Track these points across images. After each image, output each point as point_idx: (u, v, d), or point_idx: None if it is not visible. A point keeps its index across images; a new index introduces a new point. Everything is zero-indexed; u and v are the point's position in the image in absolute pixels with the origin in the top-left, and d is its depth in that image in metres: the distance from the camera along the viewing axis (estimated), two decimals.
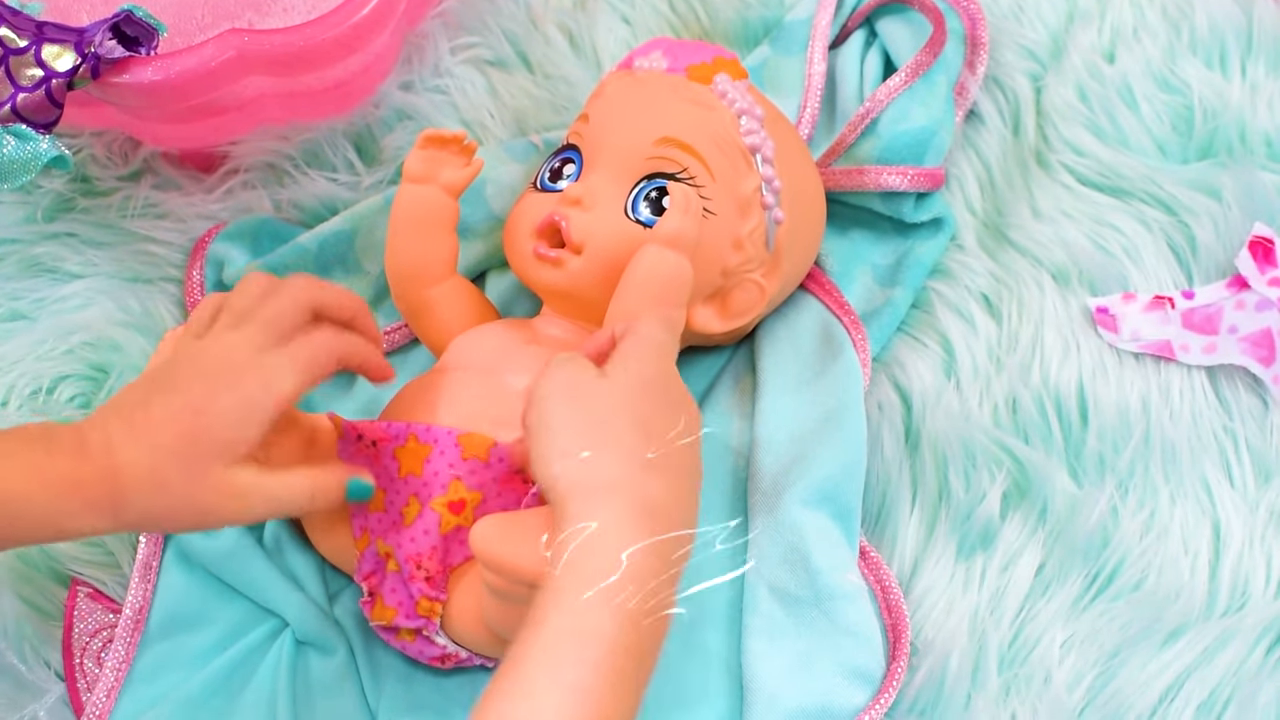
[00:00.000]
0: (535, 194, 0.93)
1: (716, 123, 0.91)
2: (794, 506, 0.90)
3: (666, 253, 0.85)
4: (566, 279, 0.89)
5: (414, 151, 0.92)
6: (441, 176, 0.92)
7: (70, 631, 0.93)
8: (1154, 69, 1.07)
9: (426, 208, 0.92)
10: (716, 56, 0.94)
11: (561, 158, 0.93)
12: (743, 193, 0.91)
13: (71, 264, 1.05)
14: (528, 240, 0.90)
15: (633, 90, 0.93)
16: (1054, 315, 0.99)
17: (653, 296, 0.85)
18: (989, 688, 0.88)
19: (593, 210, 0.89)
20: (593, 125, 0.92)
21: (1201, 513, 0.94)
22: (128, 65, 0.90)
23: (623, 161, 0.90)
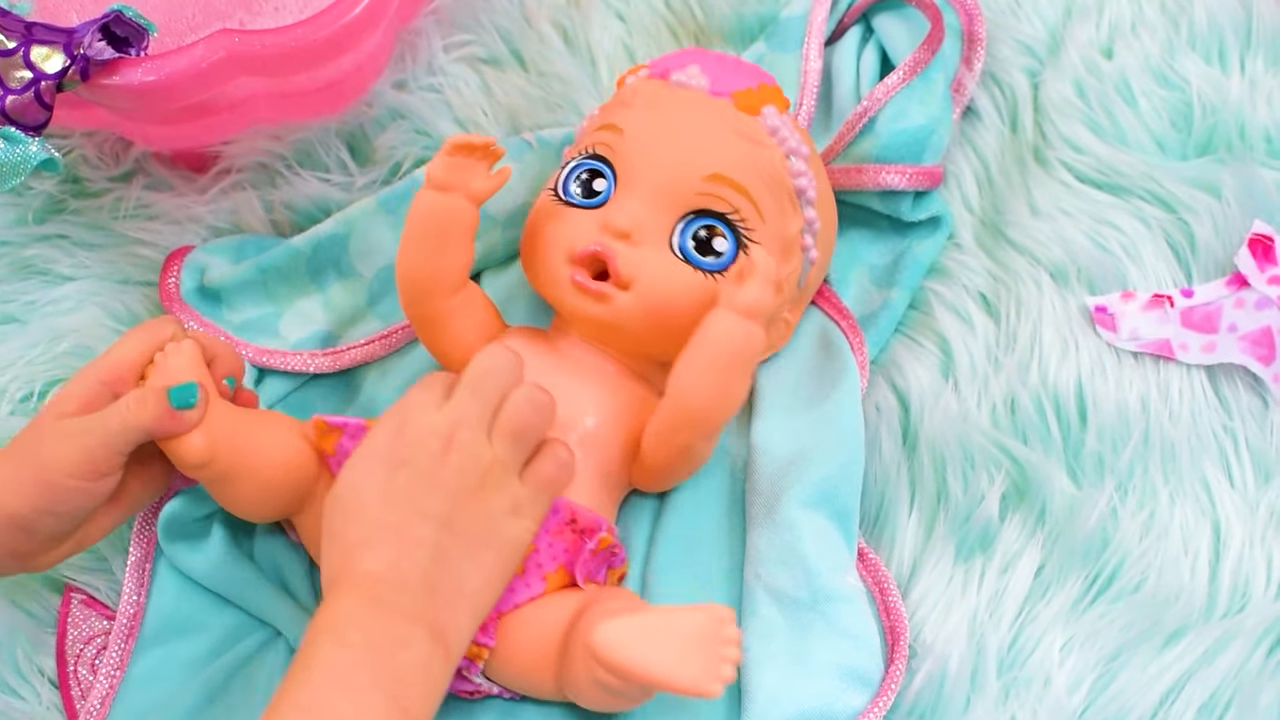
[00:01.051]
0: (563, 208, 0.90)
1: (766, 161, 0.90)
2: (792, 507, 0.90)
3: (742, 323, 0.84)
4: (611, 315, 0.88)
5: (440, 158, 0.87)
6: (469, 184, 0.87)
7: (64, 639, 0.92)
8: (1152, 65, 1.06)
9: (450, 217, 0.88)
10: (761, 84, 0.93)
11: (589, 168, 0.91)
12: (788, 234, 0.91)
13: (63, 266, 1.04)
14: (563, 265, 0.88)
15: (676, 111, 0.90)
16: (1052, 314, 0.99)
17: (723, 364, 0.84)
18: (988, 691, 0.88)
19: (640, 246, 0.88)
20: (629, 142, 0.90)
21: (1201, 513, 0.93)
22: (117, 67, 0.89)
23: (668, 193, 0.88)
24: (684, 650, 0.74)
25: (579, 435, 0.88)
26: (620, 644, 0.75)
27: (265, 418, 0.88)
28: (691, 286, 0.88)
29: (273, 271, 1.00)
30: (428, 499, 0.76)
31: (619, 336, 0.90)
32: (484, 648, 0.83)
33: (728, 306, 0.84)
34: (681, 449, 0.88)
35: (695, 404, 0.85)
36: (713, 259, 0.88)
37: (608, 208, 0.89)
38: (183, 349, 0.86)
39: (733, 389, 0.86)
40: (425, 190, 0.88)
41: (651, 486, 0.93)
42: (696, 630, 0.75)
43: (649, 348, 0.91)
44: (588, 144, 0.91)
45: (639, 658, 0.74)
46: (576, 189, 0.90)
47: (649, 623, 0.76)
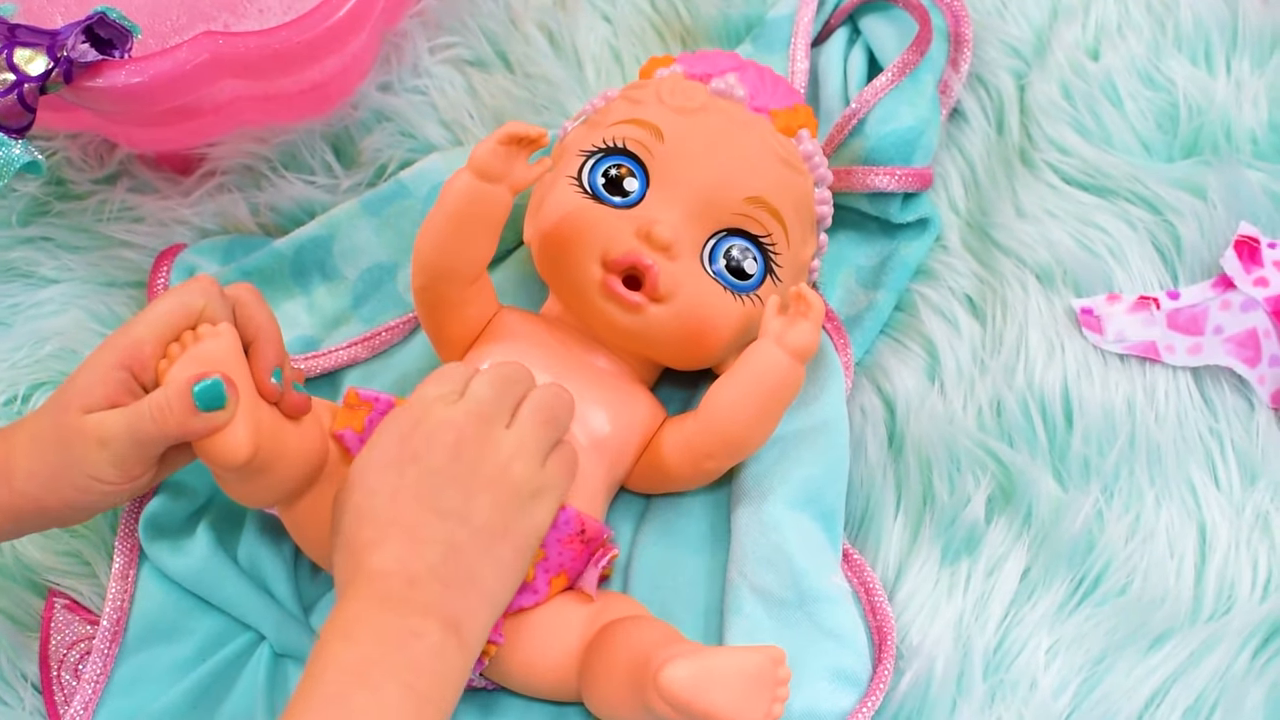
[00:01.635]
0: (593, 204, 0.88)
1: (800, 188, 0.91)
2: (777, 507, 0.90)
3: (791, 361, 0.86)
4: (642, 326, 0.88)
5: (491, 145, 0.85)
6: (512, 174, 0.86)
7: (47, 643, 0.92)
8: (1138, 66, 1.06)
9: (487, 205, 0.87)
10: (797, 104, 0.93)
11: (618, 163, 0.89)
12: (803, 259, 0.93)
13: (47, 269, 1.04)
14: (594, 266, 0.87)
15: (719, 125, 0.90)
16: (1038, 316, 0.98)
17: (767, 398, 0.86)
18: (974, 694, 0.88)
19: (678, 260, 0.87)
20: (671, 149, 0.89)
21: (1187, 515, 0.93)
22: (101, 69, 0.89)
23: (706, 208, 0.88)
24: (745, 691, 0.77)
25: (595, 439, 0.88)
26: (691, 687, 0.76)
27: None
28: (726, 307, 0.88)
29: (256, 274, 1.00)
30: (441, 496, 0.75)
31: (640, 344, 0.90)
32: (493, 644, 0.83)
33: (779, 343, 0.85)
34: (707, 471, 0.90)
35: (734, 433, 0.87)
36: (741, 280, 0.89)
37: (643, 212, 0.88)
38: (220, 334, 0.79)
39: (770, 422, 0.88)
40: (467, 176, 0.86)
41: (651, 490, 0.93)
42: (757, 673, 0.78)
43: (663, 356, 0.92)
44: (614, 135, 0.90)
45: (707, 701, 0.76)
46: (602, 183, 0.89)
47: (714, 664, 0.77)
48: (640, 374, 0.92)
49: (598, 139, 0.90)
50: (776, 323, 0.86)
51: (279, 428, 0.81)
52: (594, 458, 0.87)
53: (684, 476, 0.90)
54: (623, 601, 0.87)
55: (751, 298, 0.89)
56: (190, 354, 0.78)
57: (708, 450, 0.88)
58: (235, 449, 0.77)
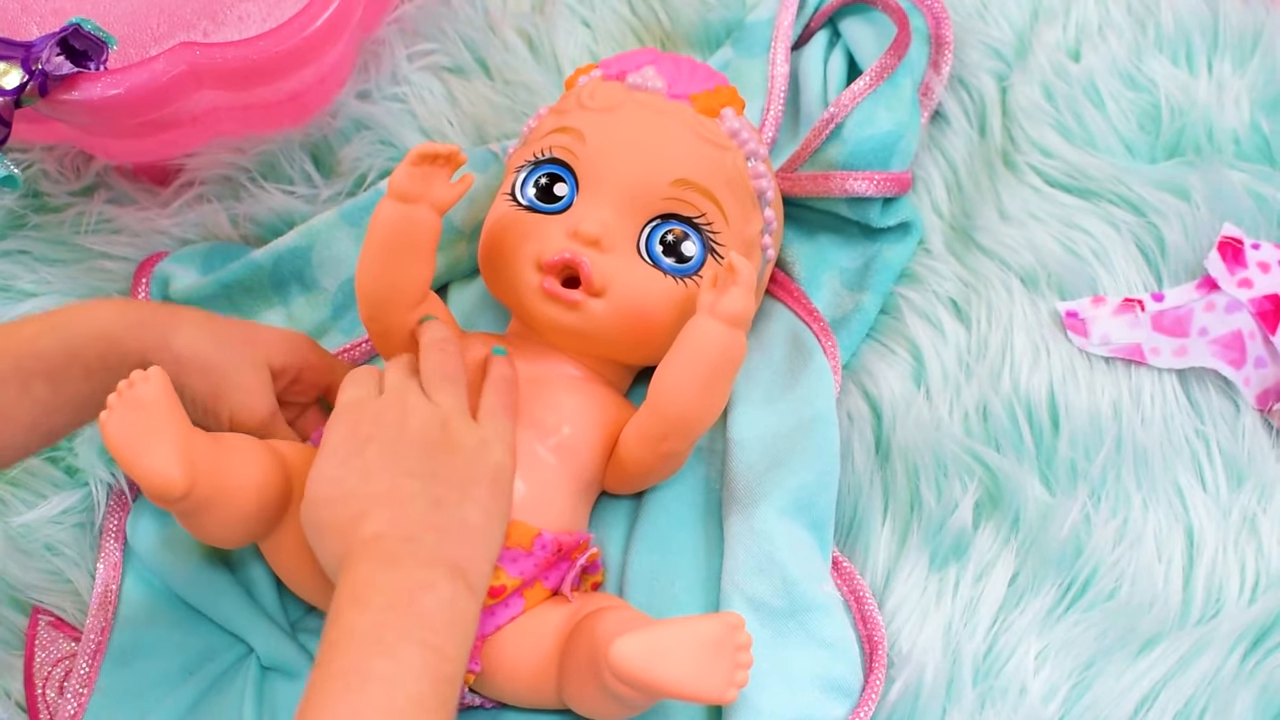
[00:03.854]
0: (525, 214, 0.90)
1: (730, 164, 0.91)
2: (770, 516, 0.90)
3: (727, 330, 0.84)
4: (584, 322, 0.88)
5: (404, 168, 0.84)
6: (432, 193, 0.85)
7: (31, 661, 0.91)
8: (1120, 67, 1.06)
9: (413, 228, 0.85)
10: (718, 86, 0.93)
11: (548, 172, 0.90)
12: (748, 236, 0.92)
13: (24, 282, 1.03)
14: (531, 272, 0.88)
15: (638, 116, 0.90)
16: (1023, 320, 0.98)
17: (708, 371, 0.85)
18: (964, 701, 0.88)
19: (610, 253, 0.88)
20: (592, 148, 0.89)
21: (1174, 519, 0.93)
22: (76, 81, 0.89)
23: (635, 199, 0.88)
24: (700, 661, 0.76)
25: (555, 443, 0.88)
26: (639, 658, 0.76)
27: (234, 441, 0.84)
28: (664, 292, 0.88)
29: (235, 285, 0.99)
30: (405, 460, 0.78)
31: (589, 342, 0.90)
32: (470, 673, 0.84)
33: (710, 314, 0.84)
34: (664, 455, 0.89)
35: (681, 411, 0.86)
36: (681, 263, 0.89)
37: (573, 214, 0.89)
38: (150, 378, 0.80)
39: (717, 395, 0.86)
40: (387, 201, 0.86)
41: (626, 489, 0.93)
42: (712, 640, 0.77)
43: (617, 352, 0.92)
44: (542, 146, 0.91)
45: (658, 671, 0.76)
46: (534, 193, 0.90)
47: (665, 635, 0.77)
48: (609, 378, 0.93)
49: (529, 154, 0.92)
50: (709, 295, 0.85)
51: (222, 463, 0.81)
52: (558, 463, 0.88)
53: (646, 465, 0.90)
54: (599, 599, 0.87)
55: (694, 279, 0.89)
56: (125, 399, 0.79)
57: (660, 432, 0.87)
58: (169, 483, 0.77)
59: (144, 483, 0.78)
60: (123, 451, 0.77)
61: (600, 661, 0.77)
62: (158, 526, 0.93)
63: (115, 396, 0.79)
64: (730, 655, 0.77)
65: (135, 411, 0.78)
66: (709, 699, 0.77)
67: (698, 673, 0.76)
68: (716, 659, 0.77)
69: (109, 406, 0.79)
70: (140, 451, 0.77)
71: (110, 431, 0.78)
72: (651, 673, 0.76)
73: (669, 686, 0.76)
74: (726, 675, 0.77)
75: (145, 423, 0.78)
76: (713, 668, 0.77)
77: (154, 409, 0.79)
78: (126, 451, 0.77)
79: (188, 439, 0.79)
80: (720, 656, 0.77)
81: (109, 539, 0.94)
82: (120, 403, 0.79)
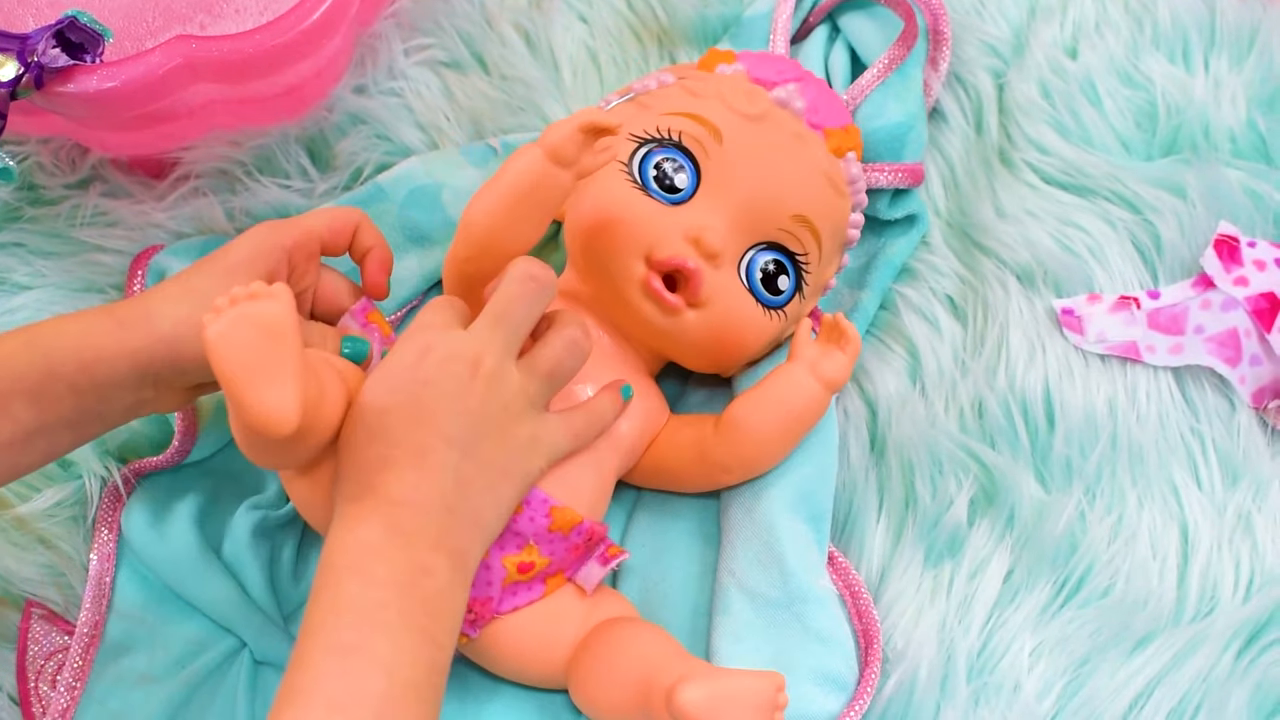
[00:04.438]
0: (643, 198, 0.87)
1: (840, 211, 0.92)
2: (770, 508, 0.90)
3: (822, 391, 0.87)
4: (675, 328, 0.88)
5: (569, 131, 0.81)
6: (580, 161, 0.83)
7: (24, 655, 0.91)
8: (1117, 64, 1.06)
9: (551, 189, 0.83)
10: (849, 125, 0.94)
11: (671, 157, 0.88)
12: (827, 278, 0.94)
13: (19, 275, 1.03)
14: (638, 263, 0.87)
15: (778, 137, 0.89)
16: (1019, 317, 0.98)
17: (792, 423, 0.88)
18: (958, 697, 0.88)
19: (720, 269, 0.87)
20: (726, 153, 0.88)
21: (1169, 516, 0.93)
22: (72, 74, 0.88)
23: (752, 219, 0.88)
24: (753, 716, 0.77)
25: (612, 439, 0.88)
26: (705, 710, 0.76)
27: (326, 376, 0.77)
28: (755, 319, 0.89)
29: None
30: (452, 423, 0.76)
31: (663, 342, 0.90)
32: (465, 636, 0.84)
33: (814, 373, 0.86)
34: (719, 482, 0.91)
35: (756, 454, 0.89)
36: (772, 294, 0.89)
37: (692, 214, 0.87)
38: (276, 295, 0.71)
39: (790, 446, 0.89)
40: (537, 155, 0.82)
41: (652, 487, 0.94)
42: (762, 699, 0.78)
43: (680, 356, 0.92)
44: (671, 127, 0.89)
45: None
46: (653, 174, 0.88)
47: (728, 689, 0.78)
48: (648, 364, 0.93)
49: (651, 125, 0.90)
50: (812, 349, 0.87)
51: (321, 396, 0.75)
52: (609, 456, 0.88)
53: (693, 481, 0.91)
54: (614, 600, 0.88)
55: (780, 313, 0.90)
56: (241, 310, 0.70)
57: (725, 464, 0.89)
58: (284, 421, 0.70)
59: (255, 417, 0.69)
60: (234, 375, 0.69)
61: (657, 696, 0.78)
62: (151, 521, 0.93)
63: (226, 301, 0.70)
64: (772, 712, 0.78)
65: (252, 331, 0.69)
66: None
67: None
68: (763, 713, 0.78)
69: (216, 310, 0.70)
70: (256, 381, 0.69)
71: (217, 345, 0.69)
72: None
73: None
74: None
75: (265, 348, 0.69)
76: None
77: (277, 334, 0.70)
78: (239, 376, 0.69)
79: (306, 372, 0.72)
80: (764, 714, 0.78)
81: (102, 532, 0.94)
82: (235, 313, 0.69)
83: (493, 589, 0.83)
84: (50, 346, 0.79)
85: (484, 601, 0.83)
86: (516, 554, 0.83)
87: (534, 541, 0.83)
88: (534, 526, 0.82)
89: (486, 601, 0.83)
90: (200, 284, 0.83)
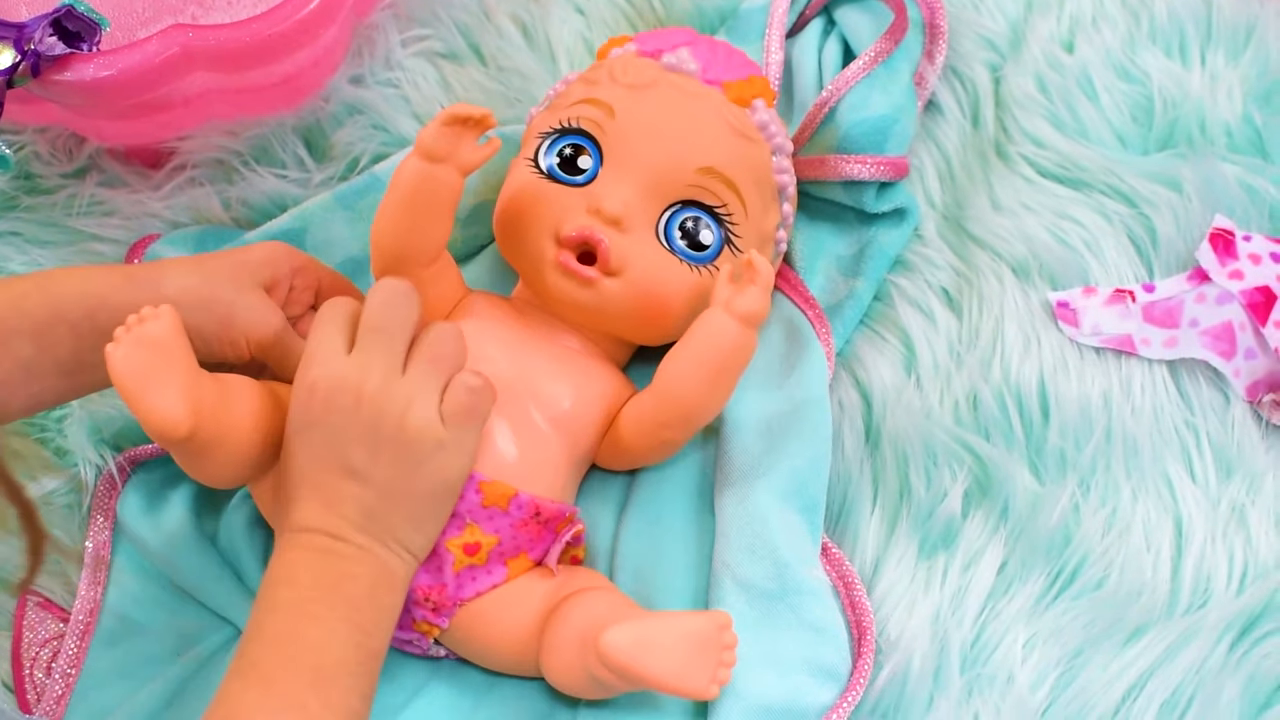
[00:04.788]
0: (546, 183, 0.89)
1: (756, 157, 0.91)
2: (764, 498, 0.90)
3: (741, 328, 0.85)
4: (597, 300, 0.88)
5: (434, 128, 0.84)
6: (459, 155, 0.85)
7: (19, 642, 0.91)
8: (1113, 58, 1.06)
9: (437, 187, 0.85)
10: (752, 75, 0.93)
11: (572, 142, 0.90)
12: (765, 229, 0.92)
13: (16, 264, 1.03)
14: (548, 244, 0.88)
15: (669, 98, 0.90)
16: (1014, 309, 0.98)
17: (718, 366, 0.86)
18: (951, 688, 0.88)
19: (629, 234, 0.87)
20: (621, 125, 0.89)
21: (1163, 509, 0.93)
22: (69, 62, 0.88)
23: (658, 181, 0.88)
24: (687, 656, 0.79)
25: (554, 415, 0.88)
26: (628, 649, 0.78)
27: (236, 383, 0.83)
28: (679, 278, 0.89)
29: None
30: (346, 454, 0.78)
31: (598, 319, 0.90)
32: (435, 626, 0.85)
33: (727, 310, 0.85)
34: (663, 441, 0.90)
35: (685, 403, 0.87)
36: (697, 251, 0.89)
37: (595, 189, 0.88)
38: (161, 315, 0.78)
39: (723, 390, 0.88)
40: (413, 158, 0.85)
41: (618, 466, 0.93)
42: (699, 636, 0.80)
43: (623, 331, 0.92)
44: (569, 115, 0.90)
45: (646, 663, 0.79)
46: (556, 162, 0.90)
47: (655, 629, 0.79)
48: (609, 352, 0.93)
49: (554, 121, 0.91)
50: (726, 290, 0.85)
51: (223, 403, 0.80)
52: (554, 435, 0.88)
53: (643, 449, 0.90)
54: (583, 575, 0.88)
55: (709, 269, 0.89)
56: (133, 334, 0.77)
57: (661, 420, 0.88)
58: (174, 423, 0.76)
59: (148, 422, 0.77)
60: (128, 388, 0.76)
61: (589, 647, 0.79)
62: (147, 508, 0.93)
63: (123, 330, 0.78)
64: (716, 653, 0.80)
65: (143, 348, 0.77)
66: (691, 694, 0.80)
67: (683, 668, 0.79)
68: (703, 655, 0.80)
69: (115, 339, 0.77)
70: (146, 390, 0.76)
71: (116, 365, 0.76)
72: (639, 664, 0.78)
73: (654, 679, 0.79)
74: (710, 672, 0.80)
75: (153, 360, 0.77)
76: (698, 664, 0.79)
77: (162, 346, 0.77)
78: (132, 388, 0.76)
79: (194, 379, 0.78)
80: (706, 653, 0.80)
81: (98, 520, 0.94)
82: (128, 337, 0.77)
83: (444, 575, 0.83)
84: (60, 290, 0.82)
85: (439, 588, 0.84)
86: (459, 535, 0.83)
87: (472, 520, 0.83)
88: (467, 504, 0.83)
89: (441, 588, 0.84)
90: (213, 265, 0.86)
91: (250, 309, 0.85)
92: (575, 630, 0.82)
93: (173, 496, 0.93)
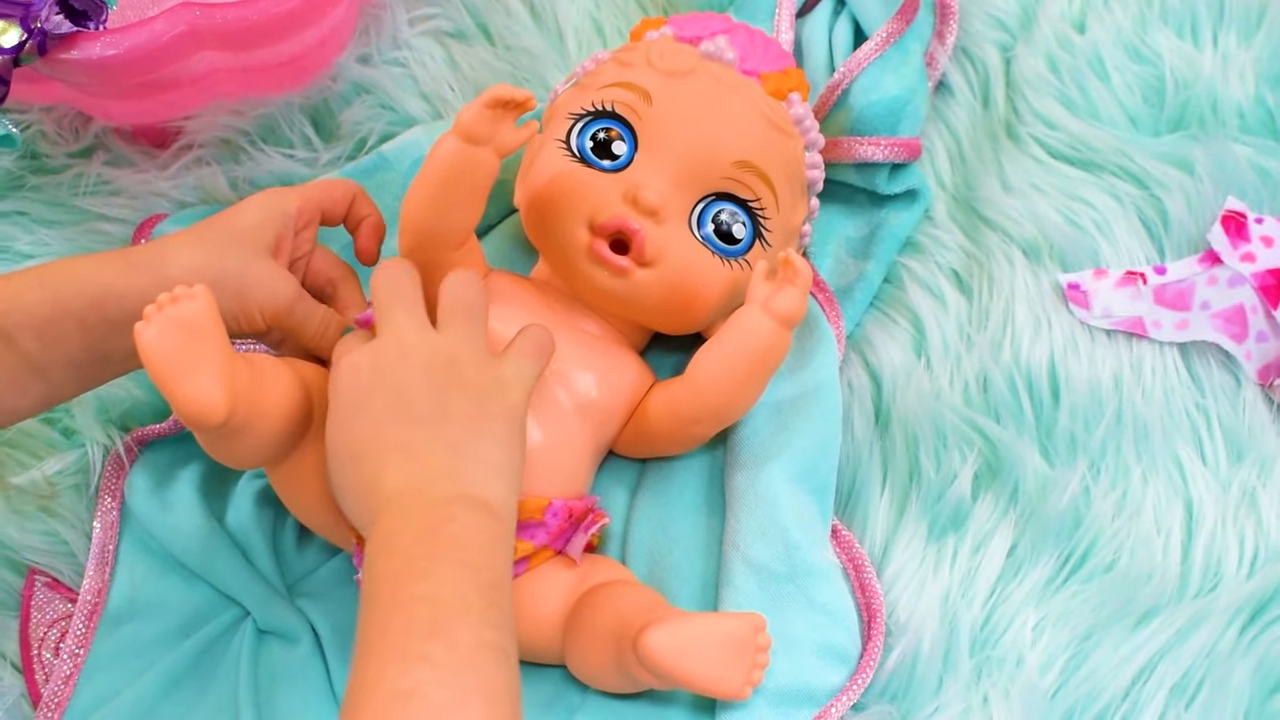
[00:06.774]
0: (580, 167, 0.88)
1: (790, 152, 0.90)
2: (774, 480, 0.90)
3: (777, 328, 0.85)
4: (628, 290, 0.87)
5: (476, 109, 0.82)
6: (498, 138, 0.83)
7: (27, 622, 0.91)
8: (1125, 39, 1.05)
9: (473, 169, 0.83)
10: (788, 68, 0.93)
11: (606, 126, 0.89)
12: (793, 223, 0.92)
13: (22, 244, 1.03)
14: (581, 230, 0.87)
15: (708, 88, 0.89)
16: (1025, 291, 0.98)
17: (753, 364, 0.86)
18: (961, 670, 0.88)
19: (663, 225, 0.87)
20: (659, 112, 0.88)
21: (1174, 492, 0.93)
22: (75, 41, 0.88)
23: (693, 172, 0.87)
24: (724, 658, 0.80)
25: (581, 403, 0.88)
26: (669, 651, 0.78)
27: (265, 364, 0.81)
28: (712, 270, 0.88)
29: None
30: (413, 405, 0.76)
31: (625, 308, 0.89)
32: None
33: (765, 310, 0.85)
34: (693, 436, 0.90)
35: (719, 400, 0.87)
36: (729, 244, 0.88)
37: (630, 177, 0.87)
38: (196, 296, 0.76)
39: (756, 389, 0.88)
40: (451, 139, 0.83)
41: (638, 454, 0.93)
42: (736, 639, 0.81)
43: (649, 320, 0.91)
44: (603, 98, 0.89)
45: (686, 666, 0.79)
46: (590, 146, 0.88)
47: (694, 631, 0.80)
48: (629, 338, 0.92)
49: (586, 102, 0.90)
50: (763, 288, 0.85)
51: (257, 386, 0.78)
52: (578, 421, 0.87)
53: (671, 441, 0.91)
54: (607, 566, 0.88)
55: (740, 262, 0.89)
56: (166, 314, 0.75)
57: (693, 415, 0.88)
58: (211, 409, 0.74)
59: (183, 407, 0.74)
60: (162, 371, 0.73)
61: (626, 645, 0.79)
62: (154, 489, 0.93)
63: (154, 308, 0.75)
64: (750, 655, 0.81)
65: (177, 330, 0.74)
66: (726, 695, 0.81)
67: (720, 670, 0.80)
68: (738, 657, 0.80)
69: (146, 317, 0.74)
70: (182, 374, 0.73)
71: (148, 345, 0.74)
72: (679, 666, 0.79)
73: (693, 680, 0.79)
74: (745, 674, 0.81)
75: (188, 344, 0.74)
76: (734, 666, 0.80)
77: (198, 328, 0.75)
78: (166, 371, 0.73)
79: (230, 363, 0.76)
80: (742, 656, 0.80)
81: (106, 501, 0.94)
82: (161, 318, 0.74)
83: None
84: (61, 283, 0.80)
85: None
86: None
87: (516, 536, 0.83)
88: None
89: None
90: (212, 238, 0.84)
91: (261, 281, 0.84)
92: (607, 627, 0.82)
93: (180, 476, 0.93)
